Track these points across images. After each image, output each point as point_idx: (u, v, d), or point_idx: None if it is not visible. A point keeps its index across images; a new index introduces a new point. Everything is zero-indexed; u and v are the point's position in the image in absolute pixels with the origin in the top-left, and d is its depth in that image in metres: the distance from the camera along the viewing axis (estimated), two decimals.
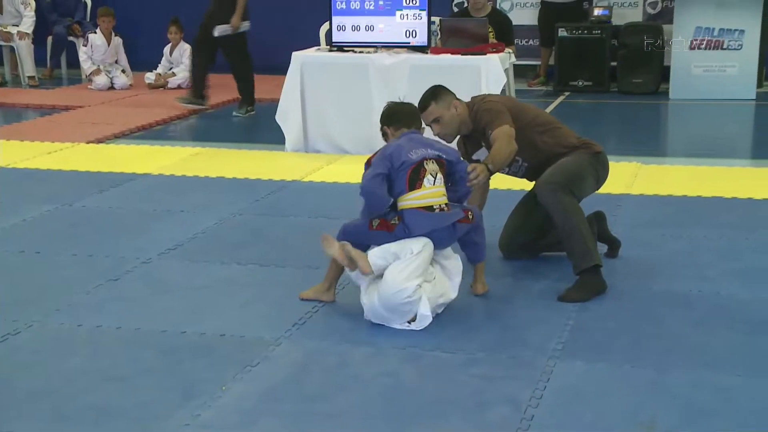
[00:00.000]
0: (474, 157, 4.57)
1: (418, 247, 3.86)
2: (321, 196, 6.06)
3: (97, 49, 10.66)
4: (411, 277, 3.79)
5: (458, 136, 4.53)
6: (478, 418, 3.15)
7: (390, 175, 3.96)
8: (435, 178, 3.97)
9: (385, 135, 4.24)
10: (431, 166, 3.98)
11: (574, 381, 3.40)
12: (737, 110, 9.27)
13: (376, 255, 3.86)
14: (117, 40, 10.80)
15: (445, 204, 3.98)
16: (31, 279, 4.56)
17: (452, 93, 4.45)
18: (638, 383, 3.37)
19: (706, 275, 4.43)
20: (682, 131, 8.99)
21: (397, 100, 4.32)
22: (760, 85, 9.76)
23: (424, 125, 4.29)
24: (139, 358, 3.63)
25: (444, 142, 4.16)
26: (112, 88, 10.55)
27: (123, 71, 10.78)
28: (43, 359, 3.64)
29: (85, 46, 10.76)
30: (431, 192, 3.95)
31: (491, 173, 4.24)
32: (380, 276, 3.84)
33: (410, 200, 3.94)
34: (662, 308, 4.06)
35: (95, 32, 10.79)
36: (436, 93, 4.40)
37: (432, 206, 3.93)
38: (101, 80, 10.56)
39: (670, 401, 3.23)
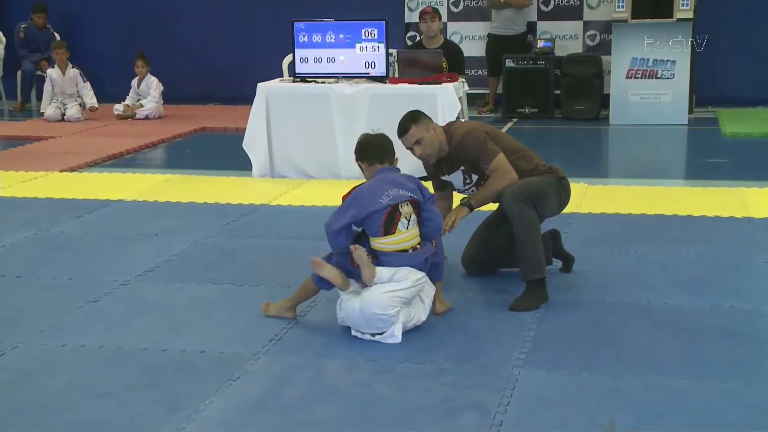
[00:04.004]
0: (446, 179, 4.61)
1: (418, 276, 3.89)
2: (288, 218, 6.05)
3: (55, 82, 10.57)
4: (395, 302, 3.81)
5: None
6: (449, 425, 3.16)
7: (365, 218, 3.93)
8: (409, 221, 3.95)
9: (360, 168, 4.20)
10: (405, 209, 3.95)
11: (538, 388, 3.43)
12: (671, 134, 9.47)
13: (383, 270, 3.87)
14: (73, 72, 10.62)
15: (418, 243, 3.98)
16: (14, 302, 4.49)
17: (428, 117, 4.48)
18: (596, 389, 3.42)
19: (654, 287, 4.51)
20: (622, 154, 9.14)
21: (371, 132, 4.24)
22: (690, 111, 9.97)
23: (397, 156, 4.20)
24: (123, 375, 3.60)
25: (415, 180, 4.09)
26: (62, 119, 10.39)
27: (80, 104, 10.60)
28: (30, 378, 3.59)
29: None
30: (405, 237, 3.94)
31: (472, 210, 4.36)
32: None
33: (384, 244, 3.92)
34: (615, 318, 4.12)
35: (53, 67, 10.67)
36: (415, 116, 4.42)
37: (406, 249, 3.94)
38: (50, 112, 10.44)
39: (626, 405, 3.28)
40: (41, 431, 3.16)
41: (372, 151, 4.14)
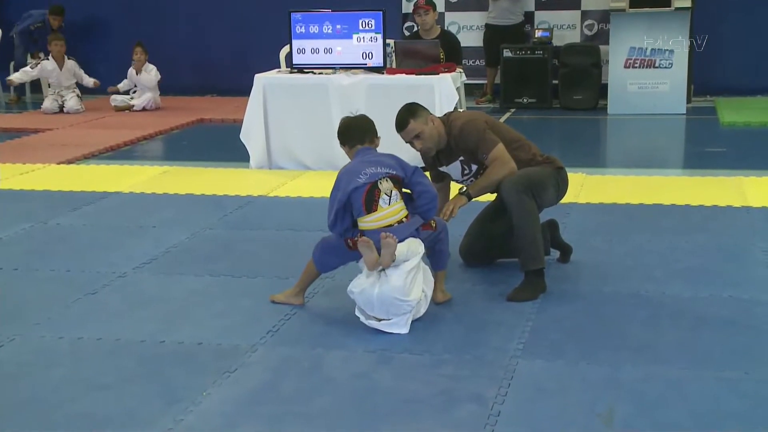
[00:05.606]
0: (444, 170, 4.59)
1: (421, 248, 3.92)
2: (286, 210, 6.04)
3: (50, 74, 10.52)
4: (417, 289, 3.84)
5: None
6: (447, 416, 3.16)
7: (348, 199, 3.94)
8: (390, 197, 3.93)
9: (345, 152, 4.20)
10: (385, 185, 3.94)
11: (536, 378, 3.43)
12: (669, 124, 9.45)
13: (399, 246, 3.85)
14: (70, 63, 10.59)
15: (405, 216, 3.97)
16: (10, 295, 4.47)
17: (426, 108, 4.44)
18: (594, 378, 3.41)
19: (652, 276, 4.50)
20: (620, 144, 9.13)
21: (350, 115, 4.24)
22: (689, 100, 9.96)
23: (379, 135, 4.18)
24: (121, 367, 3.59)
25: (396, 158, 4.07)
26: (60, 112, 10.37)
27: (77, 95, 10.55)
28: (28, 371, 3.58)
29: (32, 68, 10.55)
30: (388, 213, 3.92)
31: (470, 200, 4.32)
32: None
33: (369, 222, 3.92)
34: (613, 308, 4.11)
35: (47, 58, 10.62)
36: (413, 110, 4.37)
37: (391, 224, 3.92)
38: (48, 104, 10.39)
39: (625, 394, 3.27)
40: (39, 424, 3.16)
41: (351, 133, 4.13)
